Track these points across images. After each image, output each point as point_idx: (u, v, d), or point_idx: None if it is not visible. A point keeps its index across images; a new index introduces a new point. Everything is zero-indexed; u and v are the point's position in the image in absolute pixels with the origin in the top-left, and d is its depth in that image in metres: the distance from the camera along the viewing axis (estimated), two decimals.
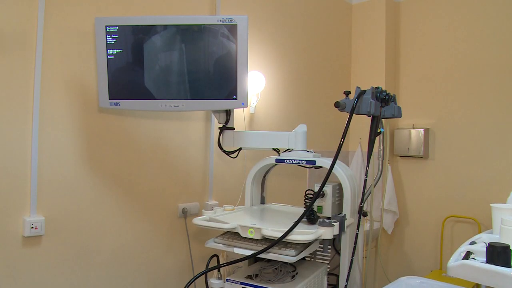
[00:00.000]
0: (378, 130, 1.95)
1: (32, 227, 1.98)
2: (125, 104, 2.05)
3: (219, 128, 2.15)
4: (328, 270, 2.13)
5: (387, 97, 1.95)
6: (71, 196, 2.13)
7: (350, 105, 1.86)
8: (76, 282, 2.17)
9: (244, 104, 1.98)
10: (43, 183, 2.03)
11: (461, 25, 3.44)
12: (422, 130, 3.56)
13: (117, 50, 1.98)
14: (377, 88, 1.94)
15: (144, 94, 2.01)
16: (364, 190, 1.92)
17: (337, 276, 2.04)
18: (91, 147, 2.20)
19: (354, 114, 1.85)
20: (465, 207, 3.41)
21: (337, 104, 1.87)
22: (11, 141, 1.93)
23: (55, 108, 2.06)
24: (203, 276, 1.85)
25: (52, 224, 2.07)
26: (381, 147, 2.16)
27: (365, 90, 1.89)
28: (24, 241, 1.99)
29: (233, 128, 2.15)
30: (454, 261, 1.26)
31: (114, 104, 2.04)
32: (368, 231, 2.36)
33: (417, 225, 3.71)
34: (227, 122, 2.13)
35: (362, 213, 1.96)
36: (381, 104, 1.95)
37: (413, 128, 3.62)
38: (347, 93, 1.93)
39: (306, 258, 2.19)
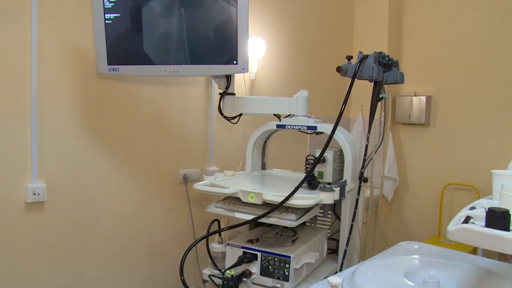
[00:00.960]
0: (380, 96, 1.94)
1: (34, 193, 1.99)
2: (124, 69, 2.02)
3: (220, 93, 2.13)
4: (328, 235, 2.15)
5: (389, 62, 1.92)
6: (72, 163, 2.13)
7: (352, 70, 1.83)
8: (79, 246, 2.20)
9: (244, 69, 1.95)
10: (44, 150, 2.03)
11: None
12: (424, 98, 3.54)
13: (115, 15, 1.94)
14: (380, 53, 1.91)
15: (143, 59, 1.99)
16: (365, 156, 1.92)
17: (337, 241, 2.06)
18: (91, 113, 2.18)
19: (356, 80, 1.83)
20: (465, 174, 3.42)
21: (339, 69, 1.85)
22: (10, 109, 1.92)
23: (53, 75, 2.03)
24: (205, 240, 1.87)
25: (54, 190, 2.08)
26: (383, 113, 2.15)
27: (367, 55, 1.86)
28: (27, 207, 2.00)
29: (233, 94, 2.13)
30: (454, 225, 1.26)
31: (113, 69, 2.02)
32: (369, 197, 2.38)
33: (416, 192, 3.73)
34: (227, 87, 2.11)
35: (362, 179, 1.96)
36: (384, 69, 1.93)
37: (415, 96, 3.60)
38: (349, 58, 1.90)
39: (307, 223, 2.21)
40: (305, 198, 1.65)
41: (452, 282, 1.54)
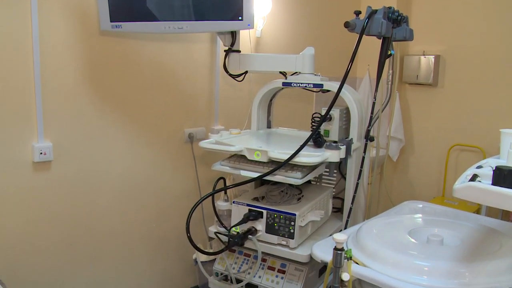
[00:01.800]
0: (389, 53, 1.90)
1: (41, 153, 2.00)
2: (127, 26, 1.98)
3: (225, 50, 2.10)
4: (334, 194, 2.16)
5: (399, 17, 1.88)
6: (77, 122, 2.13)
7: (360, 25, 1.79)
8: (86, 205, 2.22)
9: (250, 26, 1.91)
10: (49, 110, 2.02)
11: None
12: (432, 57, 3.47)
13: None
14: (389, 8, 1.86)
15: (146, 15, 1.94)
16: (372, 114, 1.90)
17: (342, 199, 2.07)
18: (95, 71, 2.16)
19: (364, 37, 1.79)
20: (471, 135, 3.40)
21: (347, 24, 1.80)
22: (12, 69, 1.89)
23: (55, 33, 1.99)
24: (211, 199, 1.88)
25: (60, 150, 2.08)
26: (391, 71, 2.12)
27: (376, 10, 1.82)
28: (35, 166, 2.01)
29: (239, 51, 2.09)
30: (460, 183, 1.25)
31: (116, 26, 1.98)
32: (374, 157, 2.37)
33: (422, 153, 3.72)
34: (232, 44, 2.07)
35: (369, 137, 1.95)
36: (393, 25, 1.88)
37: (423, 55, 3.53)
38: (358, 13, 1.85)
39: (312, 182, 2.21)
40: (311, 156, 1.64)
41: (455, 240, 1.56)
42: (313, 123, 1.97)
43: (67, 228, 2.17)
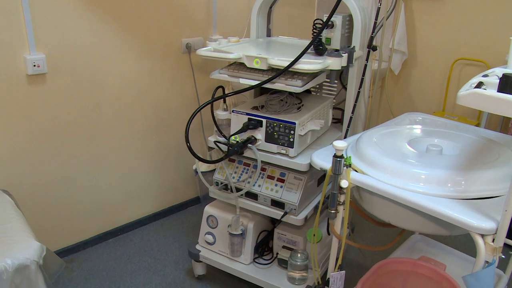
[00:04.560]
0: None
1: (34, 65, 1.94)
2: None
3: None
4: (334, 104, 2.14)
5: None
6: (69, 32, 2.04)
7: None
8: (84, 118, 2.20)
9: None
10: (38, 20, 1.92)
11: None
12: None
13: None
14: None
15: None
16: (376, 19, 1.83)
17: (342, 110, 2.05)
18: None
19: None
20: (477, 49, 3.31)
21: None
22: None
23: None
24: (209, 109, 1.86)
25: (54, 61, 2.02)
26: None
27: None
28: (29, 79, 1.97)
29: None
30: (465, 90, 1.22)
31: None
32: (376, 69, 2.32)
33: (425, 67, 3.64)
34: None
35: (372, 47, 1.89)
36: None
37: None
38: None
39: (312, 92, 2.18)
40: (312, 63, 1.60)
41: (454, 150, 1.56)
42: (314, 30, 1.89)
43: (66, 141, 2.17)
